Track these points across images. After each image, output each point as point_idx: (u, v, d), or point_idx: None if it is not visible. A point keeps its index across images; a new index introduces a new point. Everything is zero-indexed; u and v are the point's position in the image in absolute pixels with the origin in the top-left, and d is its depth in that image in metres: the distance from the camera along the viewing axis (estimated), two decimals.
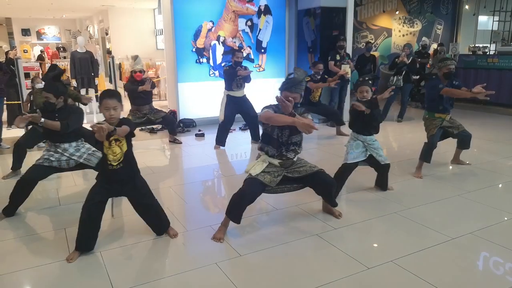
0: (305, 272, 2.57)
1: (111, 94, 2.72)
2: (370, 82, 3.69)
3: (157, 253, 2.83)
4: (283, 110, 2.85)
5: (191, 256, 2.80)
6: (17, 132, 6.29)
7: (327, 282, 2.43)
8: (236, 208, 2.96)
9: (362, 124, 3.69)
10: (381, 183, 3.96)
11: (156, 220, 3.00)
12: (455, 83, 4.38)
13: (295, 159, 3.12)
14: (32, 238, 3.06)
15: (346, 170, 3.73)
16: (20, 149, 4.44)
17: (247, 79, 5.58)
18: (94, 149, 3.64)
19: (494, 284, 2.45)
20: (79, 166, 3.61)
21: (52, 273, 2.57)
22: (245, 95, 5.72)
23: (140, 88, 5.53)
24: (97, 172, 2.96)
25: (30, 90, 5.72)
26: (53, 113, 3.41)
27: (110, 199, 3.10)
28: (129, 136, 2.76)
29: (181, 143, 6.03)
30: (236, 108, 5.69)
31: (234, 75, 5.46)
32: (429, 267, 2.60)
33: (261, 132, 3.17)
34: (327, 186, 3.17)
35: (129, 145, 2.79)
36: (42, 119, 3.28)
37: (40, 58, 13.70)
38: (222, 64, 7.36)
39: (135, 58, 6.04)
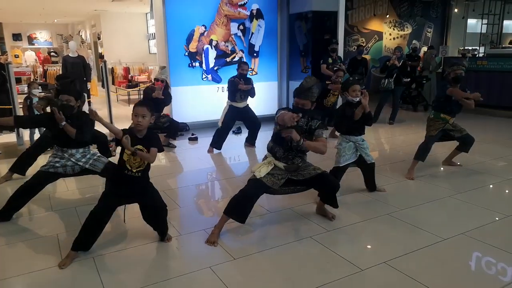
0: (299, 275, 2.57)
1: (142, 103, 2.77)
2: (361, 81, 3.73)
3: (150, 258, 2.82)
4: (286, 122, 2.86)
5: (184, 260, 2.79)
6: (9, 138, 6.24)
7: (321, 284, 2.44)
8: (238, 208, 2.98)
9: (351, 126, 3.72)
10: (369, 184, 3.98)
11: (163, 224, 2.99)
12: (467, 91, 4.34)
13: (300, 165, 3.13)
14: (24, 244, 3.02)
15: (338, 173, 3.75)
16: (29, 157, 4.42)
17: (252, 93, 5.66)
18: (99, 154, 3.64)
19: (487, 284, 2.48)
20: (84, 171, 3.57)
21: (45, 279, 2.55)
22: (247, 105, 5.77)
23: (154, 94, 5.60)
24: (96, 176, 2.95)
25: (26, 95, 5.69)
26: (67, 118, 3.36)
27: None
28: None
29: (175, 147, 6.03)
30: (237, 116, 5.78)
31: (237, 87, 5.51)
32: (422, 268, 2.62)
33: (273, 132, 3.20)
34: (331, 189, 3.19)
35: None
36: (64, 122, 3.28)
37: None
38: (215, 68, 7.38)
39: (162, 67, 6.25)
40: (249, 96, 5.71)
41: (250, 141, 5.96)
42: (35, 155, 4.50)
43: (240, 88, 5.48)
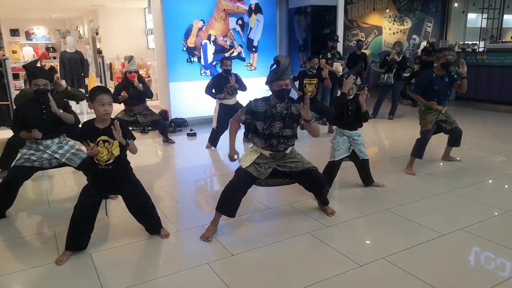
0: (297, 271, 2.56)
1: (106, 90, 2.66)
2: (354, 77, 3.69)
3: (148, 254, 2.81)
4: (303, 114, 2.89)
5: (182, 256, 2.78)
6: (5, 134, 6.21)
7: (319, 280, 2.43)
8: (227, 202, 2.96)
9: (347, 119, 3.71)
10: (365, 179, 3.98)
11: (150, 219, 2.96)
12: (453, 74, 4.34)
13: (287, 151, 3.09)
14: (21, 241, 3.01)
15: (334, 167, 3.75)
16: (10, 149, 4.22)
17: (242, 88, 5.59)
18: (77, 147, 3.51)
19: (486, 280, 2.47)
20: (62, 165, 3.47)
21: (42, 275, 2.54)
22: (237, 101, 5.68)
23: (120, 98, 5.41)
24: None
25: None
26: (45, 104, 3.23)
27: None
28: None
29: (174, 142, 6.00)
30: (229, 114, 5.63)
31: (224, 83, 5.44)
32: (420, 264, 2.61)
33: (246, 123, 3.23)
34: (318, 185, 3.19)
35: (123, 151, 2.71)
36: (61, 110, 3.21)
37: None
38: (214, 63, 7.34)
39: (130, 59, 5.93)
40: (240, 91, 5.62)
41: (247, 136, 5.93)
42: (16, 147, 4.10)
43: (232, 85, 5.42)
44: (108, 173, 2.68)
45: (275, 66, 2.93)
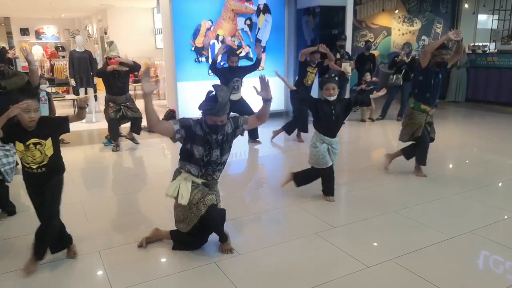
0: (304, 271, 2.55)
1: (32, 94, 2.42)
2: (336, 79, 3.54)
3: (156, 253, 2.81)
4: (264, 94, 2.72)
5: (190, 255, 2.78)
6: None
7: (327, 281, 2.42)
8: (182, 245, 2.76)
9: (328, 125, 3.52)
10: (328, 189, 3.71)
11: (51, 235, 2.54)
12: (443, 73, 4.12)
13: (219, 180, 2.80)
14: (30, 238, 3.03)
15: (331, 174, 3.61)
16: None
17: (257, 64, 5.59)
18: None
19: (494, 283, 2.44)
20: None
21: (46, 273, 2.56)
22: (242, 97, 5.69)
23: (109, 68, 5.23)
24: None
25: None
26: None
27: None
28: (58, 136, 2.55)
29: (138, 143, 5.72)
30: (233, 110, 5.59)
31: (230, 77, 5.45)
32: (428, 266, 2.59)
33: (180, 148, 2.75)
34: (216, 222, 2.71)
35: (56, 149, 2.52)
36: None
37: None
38: (222, 63, 7.35)
39: (110, 44, 5.74)
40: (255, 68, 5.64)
41: (253, 137, 5.91)
42: None
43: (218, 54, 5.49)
44: (40, 177, 2.49)
45: (212, 93, 2.53)
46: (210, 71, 5.55)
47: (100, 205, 3.74)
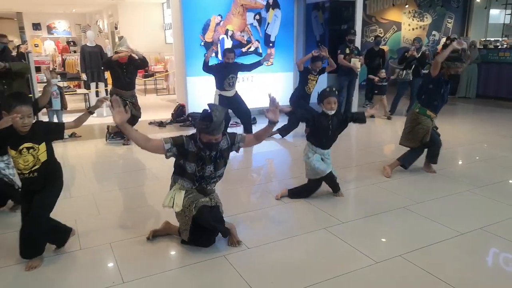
0: (312, 266, 2.57)
1: (25, 100, 2.39)
2: (336, 92, 3.46)
3: (166, 246, 2.85)
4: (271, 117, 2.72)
5: (199, 248, 2.81)
6: None
7: (335, 276, 2.44)
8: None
9: (324, 139, 3.49)
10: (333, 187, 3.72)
11: (36, 238, 2.52)
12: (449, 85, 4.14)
13: (214, 188, 2.86)
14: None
15: (333, 179, 3.61)
16: None
17: (258, 63, 5.62)
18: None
19: (504, 280, 2.43)
20: None
21: (62, 263, 2.62)
22: (236, 92, 5.70)
23: (114, 56, 5.27)
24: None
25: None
26: None
27: None
28: (51, 142, 2.53)
29: (129, 144, 5.56)
30: (228, 106, 5.58)
31: (226, 74, 5.46)
32: (438, 262, 2.59)
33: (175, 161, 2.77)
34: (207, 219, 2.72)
35: (50, 155, 2.52)
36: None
37: None
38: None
39: (120, 38, 5.78)
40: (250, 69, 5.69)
41: (248, 132, 5.90)
42: None
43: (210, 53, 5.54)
44: (31, 182, 2.48)
45: (208, 112, 2.54)
46: (204, 69, 5.57)
47: (112, 198, 3.79)
